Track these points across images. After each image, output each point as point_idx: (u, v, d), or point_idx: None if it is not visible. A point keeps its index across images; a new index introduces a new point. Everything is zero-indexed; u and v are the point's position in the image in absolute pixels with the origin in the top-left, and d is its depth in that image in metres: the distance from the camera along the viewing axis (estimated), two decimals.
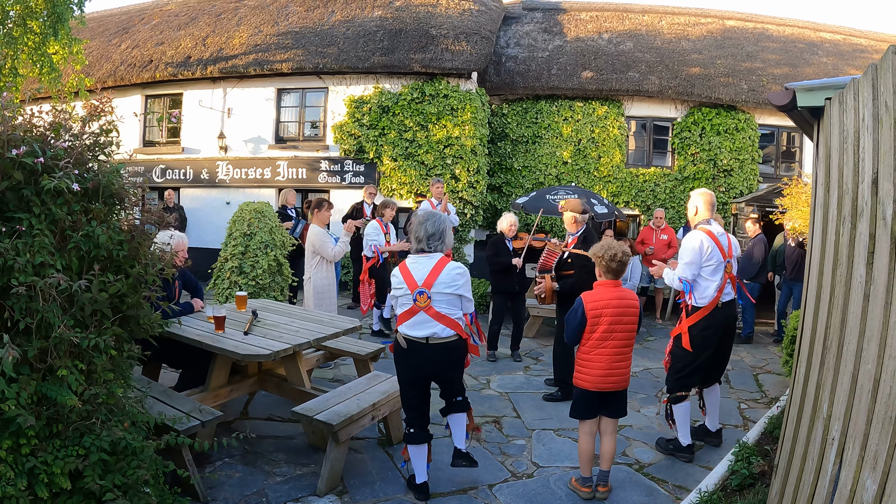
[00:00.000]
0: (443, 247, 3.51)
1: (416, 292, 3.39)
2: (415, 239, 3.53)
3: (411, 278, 3.42)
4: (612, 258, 3.59)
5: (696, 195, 4.34)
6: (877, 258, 1.89)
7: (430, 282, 3.38)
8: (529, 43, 12.93)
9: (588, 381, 3.64)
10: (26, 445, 2.35)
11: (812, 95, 2.90)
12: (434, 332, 3.41)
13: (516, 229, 6.75)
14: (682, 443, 4.29)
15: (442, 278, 3.39)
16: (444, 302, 3.41)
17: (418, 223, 3.52)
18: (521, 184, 12.03)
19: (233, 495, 3.55)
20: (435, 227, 3.48)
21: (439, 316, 3.40)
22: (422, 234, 3.48)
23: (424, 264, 3.45)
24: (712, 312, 4.14)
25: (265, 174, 11.73)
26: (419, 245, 3.51)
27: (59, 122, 2.71)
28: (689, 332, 4.17)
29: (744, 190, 11.72)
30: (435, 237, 3.48)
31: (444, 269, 3.42)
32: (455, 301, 3.46)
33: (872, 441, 1.75)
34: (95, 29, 13.95)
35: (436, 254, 3.48)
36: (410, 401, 3.60)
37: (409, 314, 3.44)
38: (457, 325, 3.45)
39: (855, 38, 14.03)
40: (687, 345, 4.16)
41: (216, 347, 3.89)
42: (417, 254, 3.52)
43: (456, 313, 3.47)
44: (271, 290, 6.85)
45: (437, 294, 3.39)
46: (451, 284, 3.41)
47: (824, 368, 2.41)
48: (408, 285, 3.42)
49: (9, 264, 2.26)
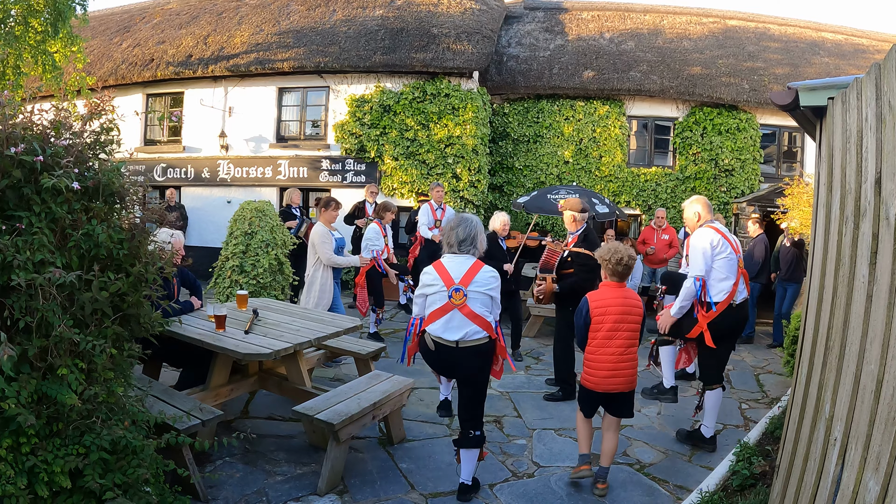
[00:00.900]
0: (475, 251, 3.55)
1: (452, 289, 3.39)
2: (447, 244, 3.58)
3: (447, 275, 3.43)
4: (619, 262, 3.65)
5: (692, 203, 4.40)
6: (880, 258, 1.88)
7: (467, 280, 3.41)
8: (531, 42, 12.92)
9: (593, 381, 3.66)
10: (26, 444, 2.34)
11: (815, 95, 2.89)
12: (466, 333, 3.40)
13: (509, 228, 6.72)
14: (665, 384, 4.48)
15: (478, 279, 3.43)
16: (479, 302, 3.43)
17: (449, 229, 3.57)
18: (522, 183, 12.02)
19: (233, 494, 3.54)
20: (466, 233, 3.52)
21: (473, 315, 3.40)
22: (453, 239, 3.52)
23: (461, 263, 3.47)
24: (727, 310, 4.15)
25: (266, 173, 11.73)
26: (451, 250, 3.55)
27: (60, 120, 2.70)
28: (710, 328, 4.16)
29: (745, 190, 11.70)
30: (467, 242, 3.52)
31: (479, 270, 3.46)
32: (488, 302, 3.48)
33: (875, 442, 1.74)
34: (97, 27, 13.95)
35: (470, 256, 3.52)
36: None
37: (440, 312, 3.42)
38: (489, 325, 3.46)
39: (856, 38, 14.00)
40: (710, 342, 4.16)
41: (217, 346, 3.89)
42: (451, 255, 3.55)
43: (488, 314, 3.48)
44: (272, 289, 6.84)
45: (472, 292, 3.41)
46: (485, 285, 3.44)
47: (826, 369, 2.40)
48: (444, 281, 3.42)
49: (8, 261, 2.26)
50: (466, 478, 3.63)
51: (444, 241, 3.61)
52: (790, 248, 7.81)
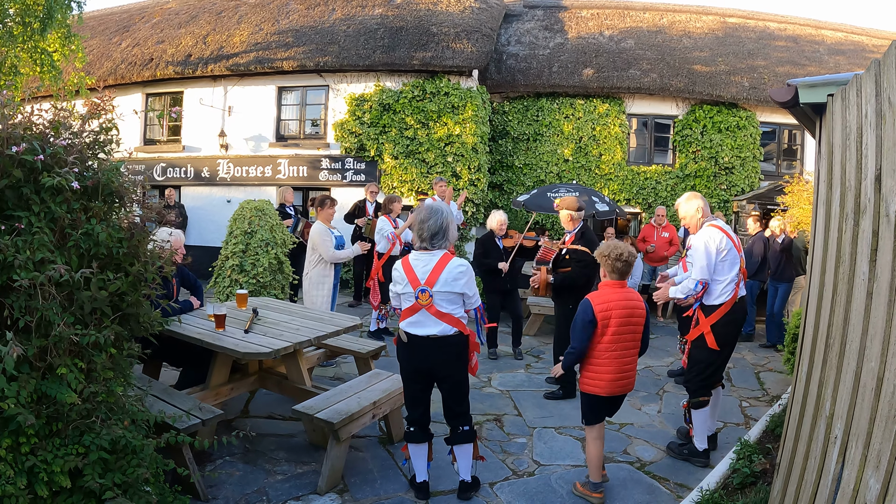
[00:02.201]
0: (445, 244, 3.46)
1: (418, 290, 3.36)
2: (417, 237, 3.48)
3: (413, 275, 3.39)
4: (618, 258, 3.53)
5: (690, 199, 4.24)
6: (880, 255, 1.88)
7: (432, 280, 3.35)
8: (530, 40, 12.91)
9: (600, 386, 3.53)
10: (26, 444, 2.34)
11: (814, 92, 2.88)
12: (436, 331, 3.37)
13: (506, 227, 6.71)
14: (697, 447, 4.19)
15: (444, 276, 3.35)
16: (446, 300, 3.38)
17: (420, 221, 3.45)
18: (522, 181, 12.02)
19: (233, 493, 3.54)
20: (438, 226, 3.41)
21: (441, 314, 3.37)
22: (426, 233, 3.42)
23: (426, 261, 3.40)
24: (732, 308, 4.04)
25: (266, 172, 11.73)
26: (422, 244, 3.46)
27: (59, 119, 2.70)
28: (713, 330, 4.04)
29: (745, 188, 11.70)
30: (438, 236, 3.42)
31: (446, 266, 3.36)
32: (457, 299, 3.42)
33: (876, 440, 1.74)
34: (96, 27, 13.94)
35: (438, 251, 3.43)
36: (412, 397, 3.56)
37: (410, 311, 3.42)
38: (459, 322, 3.42)
39: (856, 36, 13.99)
40: (713, 344, 4.03)
41: (217, 345, 3.89)
42: (420, 251, 3.48)
43: (458, 311, 3.44)
44: (272, 288, 6.84)
45: (438, 293, 3.35)
46: (453, 283, 3.36)
47: (827, 366, 2.40)
48: (410, 282, 3.39)
49: (9, 260, 2.26)
50: (466, 475, 3.62)
51: (416, 235, 3.49)
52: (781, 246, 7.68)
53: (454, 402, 3.55)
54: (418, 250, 3.50)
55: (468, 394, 3.61)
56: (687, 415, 4.28)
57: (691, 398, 4.18)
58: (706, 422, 4.21)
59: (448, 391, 3.53)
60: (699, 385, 4.14)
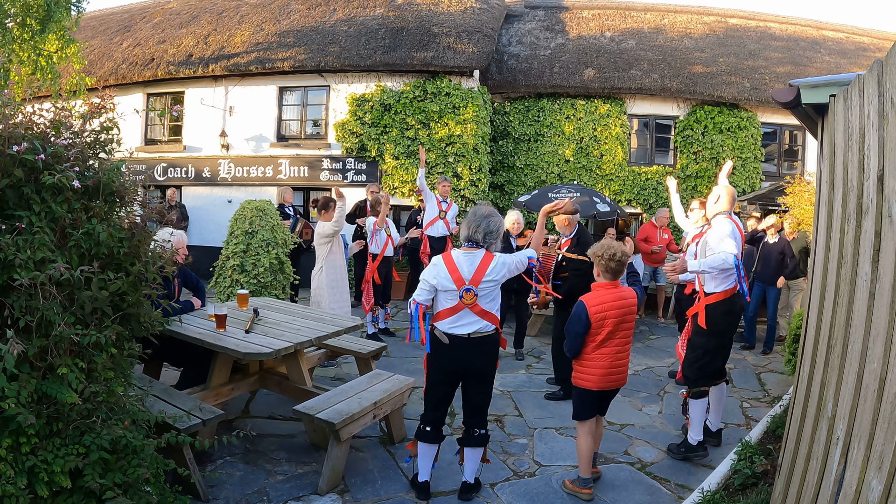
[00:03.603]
0: (494, 246, 3.45)
1: (462, 289, 3.31)
2: (469, 228, 3.39)
3: (458, 274, 3.33)
4: (612, 258, 3.55)
5: (724, 188, 4.25)
6: (882, 256, 1.87)
7: (477, 279, 3.32)
8: (531, 41, 12.91)
9: (591, 381, 3.61)
10: (26, 444, 2.34)
11: (816, 92, 2.87)
12: (478, 328, 3.37)
13: (521, 227, 6.71)
14: (691, 441, 4.22)
15: (488, 273, 3.34)
16: (489, 297, 3.38)
17: (482, 215, 3.39)
18: (523, 182, 12.02)
19: (234, 494, 3.54)
20: (496, 226, 3.40)
21: (484, 313, 3.36)
22: (483, 226, 3.37)
23: (472, 260, 3.37)
24: (731, 298, 4.10)
25: (267, 172, 11.72)
26: (474, 235, 3.38)
27: (60, 119, 2.70)
28: (706, 309, 4.08)
29: (746, 188, 11.69)
30: (493, 235, 3.40)
31: (490, 264, 3.36)
32: (497, 293, 3.44)
33: (878, 441, 1.73)
34: (97, 27, 13.96)
35: (481, 250, 3.40)
36: (438, 398, 3.51)
37: (451, 311, 3.36)
38: (496, 319, 3.43)
39: (857, 37, 13.99)
40: (702, 323, 4.08)
41: (217, 346, 3.89)
42: (467, 244, 3.41)
43: (496, 307, 3.44)
44: (273, 288, 6.84)
45: (483, 291, 3.34)
46: (496, 276, 3.37)
47: (829, 367, 2.40)
48: (454, 281, 3.32)
49: (9, 259, 2.25)
50: (470, 477, 3.61)
51: (468, 227, 3.41)
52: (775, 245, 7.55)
53: (482, 400, 3.55)
54: (465, 243, 3.43)
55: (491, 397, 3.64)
56: (684, 405, 4.31)
57: (691, 388, 4.21)
58: (703, 414, 4.24)
59: (478, 390, 3.52)
60: (696, 374, 4.19)
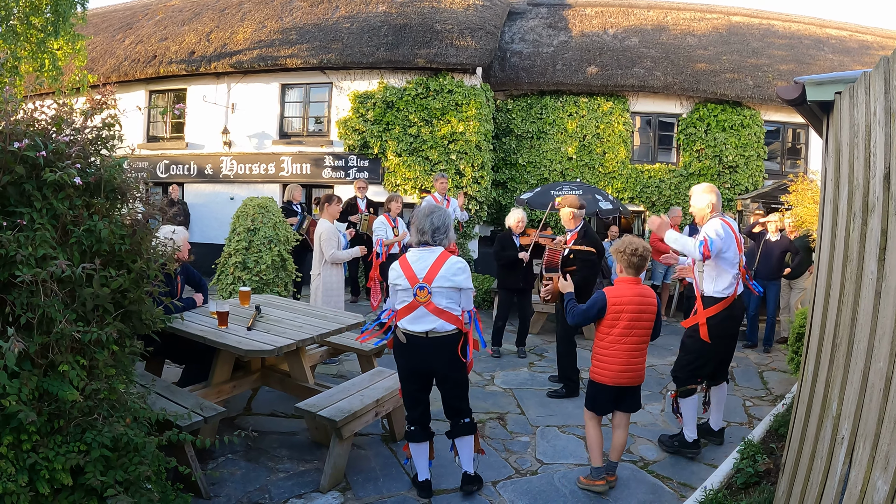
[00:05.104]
0: (446, 241, 3.46)
1: (416, 287, 3.34)
2: (418, 231, 3.46)
3: (411, 272, 3.38)
4: (634, 252, 3.60)
5: (704, 192, 4.23)
6: (889, 254, 1.86)
7: (430, 277, 3.34)
8: (534, 38, 12.88)
9: (607, 375, 3.63)
10: (27, 441, 2.33)
11: (822, 89, 2.86)
12: (434, 326, 3.37)
13: (524, 225, 6.71)
14: (687, 438, 4.24)
15: (443, 273, 3.35)
16: (444, 297, 3.37)
17: (424, 215, 3.46)
18: (525, 179, 12.00)
19: (235, 492, 3.54)
20: (441, 221, 3.44)
21: (439, 311, 3.36)
22: (427, 226, 3.43)
23: (425, 259, 3.41)
24: (732, 304, 4.10)
25: (269, 169, 11.72)
26: (423, 237, 3.45)
27: (61, 116, 2.69)
28: (708, 322, 4.09)
29: (749, 186, 11.66)
30: (440, 231, 3.43)
31: (445, 263, 3.37)
32: (455, 295, 3.41)
33: (884, 441, 1.72)
34: (99, 24, 13.95)
35: (438, 248, 3.43)
36: (411, 397, 3.55)
37: (408, 309, 3.39)
38: (457, 319, 3.41)
39: (861, 35, 13.93)
40: (705, 336, 4.08)
41: (219, 343, 3.88)
42: (419, 247, 3.47)
43: (456, 308, 3.42)
44: (275, 285, 6.84)
45: (437, 289, 3.34)
46: (451, 278, 3.36)
47: (834, 366, 2.38)
48: (408, 280, 3.37)
49: (11, 256, 2.25)
50: (468, 467, 3.62)
51: (415, 228, 3.47)
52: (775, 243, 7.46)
53: (455, 400, 3.55)
54: (417, 246, 3.48)
55: (468, 390, 3.62)
56: (675, 405, 4.31)
57: (679, 387, 4.22)
58: (696, 411, 4.25)
59: (448, 390, 3.54)
60: (687, 374, 4.20)
